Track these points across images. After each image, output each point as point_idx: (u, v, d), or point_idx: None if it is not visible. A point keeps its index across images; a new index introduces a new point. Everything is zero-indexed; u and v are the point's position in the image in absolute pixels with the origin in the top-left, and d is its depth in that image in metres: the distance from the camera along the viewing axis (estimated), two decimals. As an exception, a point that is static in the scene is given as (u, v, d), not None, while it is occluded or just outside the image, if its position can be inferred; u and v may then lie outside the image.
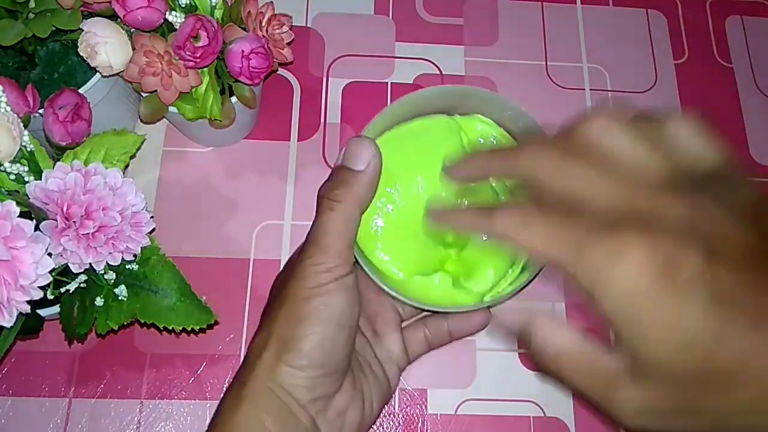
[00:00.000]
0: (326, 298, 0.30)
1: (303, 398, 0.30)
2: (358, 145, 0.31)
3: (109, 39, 0.36)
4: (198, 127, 0.42)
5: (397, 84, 0.52)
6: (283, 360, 0.30)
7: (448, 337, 0.39)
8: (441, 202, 0.33)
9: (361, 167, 0.31)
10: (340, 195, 0.31)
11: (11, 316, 0.30)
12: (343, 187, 0.31)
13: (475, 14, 0.55)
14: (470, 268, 0.34)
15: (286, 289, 0.31)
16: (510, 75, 0.53)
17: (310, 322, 0.30)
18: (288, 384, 0.30)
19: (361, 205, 0.31)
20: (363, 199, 0.31)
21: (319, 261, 0.30)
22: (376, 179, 0.31)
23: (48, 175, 0.32)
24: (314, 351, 0.30)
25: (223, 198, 0.47)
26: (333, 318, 0.30)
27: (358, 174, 0.31)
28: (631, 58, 0.55)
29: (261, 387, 0.30)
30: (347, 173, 0.31)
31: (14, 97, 0.34)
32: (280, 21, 0.41)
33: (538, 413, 0.43)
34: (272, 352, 0.30)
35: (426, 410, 0.43)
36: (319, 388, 0.30)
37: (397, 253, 0.34)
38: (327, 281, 0.30)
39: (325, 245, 0.30)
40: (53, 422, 0.41)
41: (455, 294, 0.34)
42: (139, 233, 0.34)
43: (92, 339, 0.42)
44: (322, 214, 0.31)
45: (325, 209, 0.31)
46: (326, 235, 0.30)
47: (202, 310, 0.35)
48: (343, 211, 0.31)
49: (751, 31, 0.56)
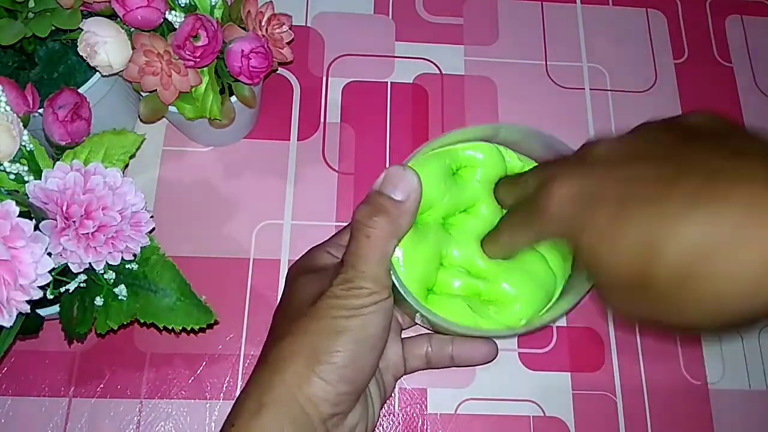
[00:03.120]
0: (366, 319, 0.30)
1: (325, 413, 0.30)
2: (400, 174, 0.31)
3: (109, 38, 0.36)
4: (198, 126, 0.42)
5: (397, 83, 0.52)
6: (315, 371, 0.29)
7: (450, 360, 0.38)
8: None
9: (401, 198, 0.31)
10: (379, 224, 0.30)
11: (11, 316, 0.30)
12: (383, 215, 0.31)
13: (475, 14, 0.55)
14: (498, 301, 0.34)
15: (320, 305, 0.31)
16: (510, 75, 0.53)
17: (347, 338, 0.30)
18: (316, 396, 0.29)
19: (398, 235, 0.31)
20: (401, 230, 0.31)
21: (359, 285, 0.30)
22: (415, 211, 0.32)
23: (47, 175, 0.32)
24: (346, 367, 0.30)
25: (223, 198, 0.47)
26: (368, 339, 0.30)
27: (398, 204, 0.31)
28: (631, 58, 0.55)
29: (288, 394, 0.29)
30: (387, 202, 0.31)
31: (14, 97, 0.34)
32: (280, 20, 0.41)
33: (538, 413, 0.43)
34: (304, 361, 0.30)
35: (426, 410, 0.43)
36: (341, 405, 0.30)
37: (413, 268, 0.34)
38: (368, 304, 0.30)
39: (365, 272, 0.30)
40: (53, 422, 0.41)
41: (477, 319, 0.33)
42: (139, 233, 0.34)
43: (92, 339, 0.42)
44: (359, 240, 0.31)
45: (362, 236, 0.31)
46: (365, 263, 0.30)
47: (201, 309, 0.35)
48: (382, 240, 0.31)
49: (751, 31, 0.56)
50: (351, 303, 0.30)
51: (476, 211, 0.35)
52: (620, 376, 0.45)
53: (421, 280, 0.33)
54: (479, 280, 0.34)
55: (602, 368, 0.45)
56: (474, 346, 0.38)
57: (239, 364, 0.43)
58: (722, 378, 0.45)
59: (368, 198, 0.32)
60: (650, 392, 0.45)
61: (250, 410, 0.30)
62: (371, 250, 0.30)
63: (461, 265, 0.35)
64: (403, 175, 0.31)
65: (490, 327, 0.33)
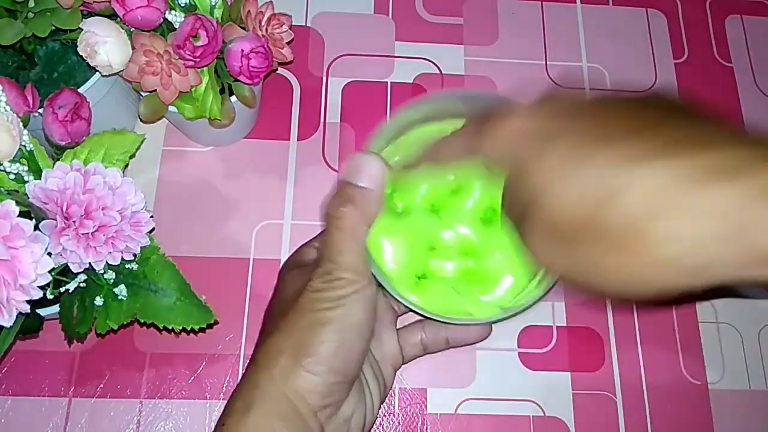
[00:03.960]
0: (348, 309, 0.30)
1: (315, 405, 0.30)
2: (363, 161, 0.32)
3: (109, 38, 0.36)
4: (197, 126, 0.42)
5: (397, 83, 0.52)
6: (301, 364, 0.30)
7: (445, 344, 0.39)
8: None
9: (365, 184, 0.31)
10: (347, 213, 0.31)
11: (11, 316, 0.30)
12: (349, 204, 0.31)
13: (475, 14, 0.55)
14: (483, 279, 0.34)
15: (303, 300, 0.31)
16: (510, 74, 0.53)
17: (331, 328, 0.30)
18: (304, 389, 0.30)
19: (368, 221, 0.32)
20: (369, 216, 0.32)
21: (337, 276, 0.31)
22: (381, 195, 0.32)
23: (47, 175, 0.32)
24: (333, 357, 0.30)
25: (223, 197, 0.47)
26: (353, 327, 0.31)
27: (364, 191, 0.31)
28: (631, 58, 0.55)
29: (275, 391, 0.30)
30: (353, 190, 0.31)
31: (14, 97, 0.34)
32: (280, 20, 0.41)
33: (538, 413, 0.43)
34: (290, 355, 0.30)
35: (426, 410, 0.43)
36: (332, 395, 0.30)
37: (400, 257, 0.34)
38: (349, 293, 0.30)
39: (341, 263, 0.31)
40: (53, 422, 0.41)
41: (465, 304, 0.34)
42: (139, 233, 0.34)
43: (92, 338, 0.42)
44: (331, 233, 0.31)
45: (333, 227, 0.31)
46: (340, 253, 0.31)
47: (201, 309, 0.35)
48: (352, 229, 0.31)
49: (751, 31, 0.56)
50: (331, 294, 0.30)
51: (465, 192, 0.35)
52: (620, 376, 0.45)
53: (408, 266, 0.33)
54: (471, 258, 0.34)
55: (602, 368, 0.45)
56: (467, 328, 0.38)
57: (239, 364, 0.43)
58: (722, 378, 0.45)
59: (336, 189, 0.32)
60: (650, 392, 0.45)
61: (239, 409, 0.30)
62: (344, 241, 0.31)
63: (452, 246, 0.34)
64: (366, 161, 0.31)
65: (477, 313, 0.33)
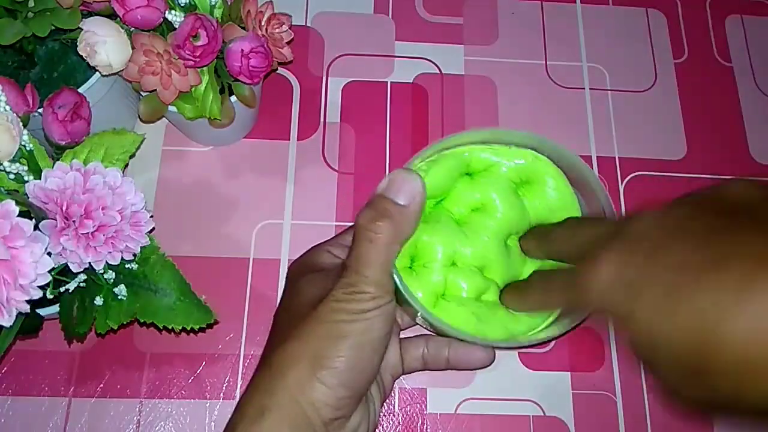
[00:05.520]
0: (369, 323, 0.30)
1: (327, 417, 0.30)
2: (404, 178, 0.31)
3: (109, 38, 0.36)
4: (197, 126, 0.42)
5: (397, 83, 0.52)
6: (317, 377, 0.29)
7: (446, 363, 0.38)
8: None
9: (405, 202, 0.31)
10: (382, 228, 0.30)
11: (11, 316, 0.30)
12: (386, 219, 0.30)
13: (475, 14, 0.55)
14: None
15: (323, 309, 0.31)
16: (510, 74, 0.53)
17: (349, 343, 0.30)
18: (318, 401, 0.29)
19: (401, 240, 0.31)
20: (403, 235, 0.31)
21: (362, 290, 0.30)
22: (419, 215, 0.31)
23: (47, 175, 0.32)
24: (348, 372, 0.30)
25: (223, 197, 0.47)
26: (371, 343, 0.30)
27: (402, 209, 0.31)
28: (631, 58, 0.55)
29: (289, 399, 0.29)
30: (391, 206, 0.31)
31: (13, 97, 0.34)
32: (280, 20, 0.41)
33: (538, 413, 0.43)
34: (306, 366, 0.30)
35: (426, 409, 0.43)
36: (343, 409, 0.30)
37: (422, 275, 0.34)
38: (371, 308, 0.30)
39: (368, 277, 0.30)
40: (53, 422, 0.41)
41: (483, 328, 0.33)
42: (139, 232, 0.34)
43: (92, 338, 0.42)
44: (362, 245, 0.31)
45: (365, 240, 0.30)
46: (368, 267, 0.30)
47: (201, 309, 0.35)
48: (385, 245, 0.30)
49: (751, 31, 0.56)
50: (353, 307, 0.30)
51: (491, 212, 0.35)
52: (620, 375, 0.45)
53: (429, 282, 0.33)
54: (490, 282, 0.34)
55: (602, 368, 0.45)
56: (470, 351, 0.37)
57: (239, 363, 0.43)
58: (722, 378, 0.45)
59: (371, 202, 0.31)
60: (650, 392, 0.45)
61: (252, 415, 0.30)
62: (374, 255, 0.30)
63: (474, 264, 0.34)
64: (407, 179, 0.31)
65: (495, 336, 0.33)
